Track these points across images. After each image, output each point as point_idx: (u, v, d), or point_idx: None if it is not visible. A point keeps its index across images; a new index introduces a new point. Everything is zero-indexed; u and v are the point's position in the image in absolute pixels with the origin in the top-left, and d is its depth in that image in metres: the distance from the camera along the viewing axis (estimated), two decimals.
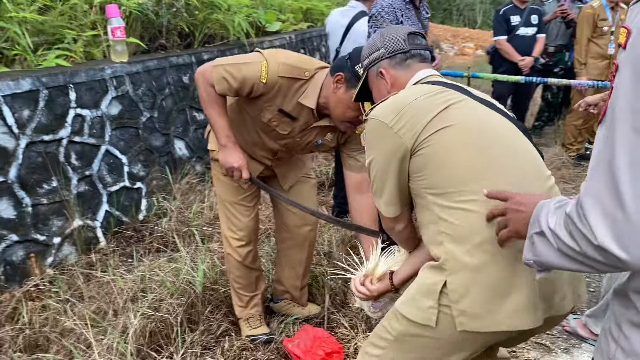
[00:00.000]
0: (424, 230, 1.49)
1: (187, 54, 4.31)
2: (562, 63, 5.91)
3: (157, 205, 3.71)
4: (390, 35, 1.65)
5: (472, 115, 1.47)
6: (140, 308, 2.50)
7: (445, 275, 1.37)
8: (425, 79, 1.59)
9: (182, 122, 4.20)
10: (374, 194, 1.58)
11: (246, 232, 2.46)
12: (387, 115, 1.46)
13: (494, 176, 1.38)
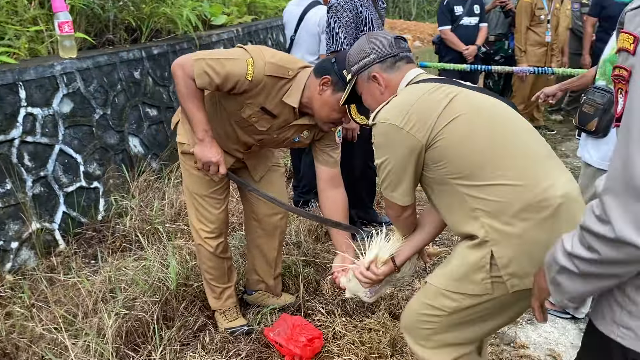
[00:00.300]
0: (448, 212, 1.63)
1: (137, 49, 4.20)
2: (502, 51, 6.15)
3: (115, 204, 3.61)
4: (379, 40, 1.74)
5: (474, 102, 1.58)
6: (114, 308, 2.44)
7: (489, 247, 1.50)
8: (417, 78, 1.69)
9: (135, 119, 4.09)
10: (386, 189, 1.67)
11: (217, 225, 2.45)
12: (396, 118, 1.55)
13: (509, 150, 1.53)
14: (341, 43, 2.98)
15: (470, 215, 1.54)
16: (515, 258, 1.49)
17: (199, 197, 2.41)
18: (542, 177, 1.50)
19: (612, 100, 2.43)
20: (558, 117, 7.20)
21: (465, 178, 1.53)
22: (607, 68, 2.50)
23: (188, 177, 2.42)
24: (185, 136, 2.35)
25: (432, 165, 1.57)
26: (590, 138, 2.62)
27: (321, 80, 2.04)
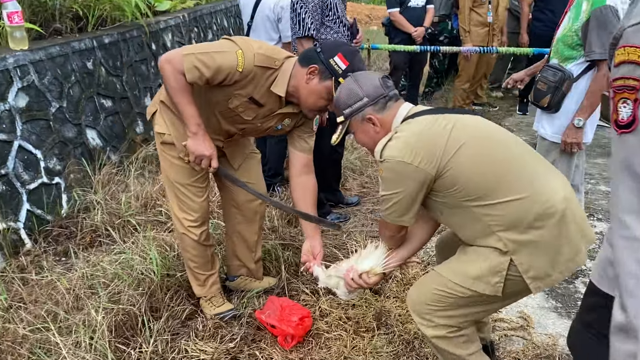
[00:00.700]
0: (461, 229, 1.80)
1: (88, 38, 4.07)
2: (446, 32, 6.36)
3: (80, 199, 3.53)
4: (369, 83, 1.84)
5: (470, 129, 1.73)
6: (99, 303, 2.42)
7: (509, 255, 1.68)
8: (410, 113, 1.82)
9: (92, 111, 3.99)
10: (391, 215, 1.80)
11: (200, 213, 2.47)
12: (404, 154, 1.67)
13: (512, 166, 1.70)
14: (308, 28, 3.02)
15: (486, 231, 1.71)
16: (534, 262, 1.67)
17: (181, 187, 2.41)
18: (543, 186, 1.69)
19: (564, 78, 2.62)
20: (499, 94, 7.54)
21: (478, 199, 1.68)
22: (560, 47, 2.68)
23: (169, 166, 2.40)
24: (165, 126, 2.34)
25: (443, 191, 1.72)
26: (544, 113, 2.81)
27: (308, 69, 2.10)
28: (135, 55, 4.73)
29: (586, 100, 2.57)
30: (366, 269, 2.04)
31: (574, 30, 2.57)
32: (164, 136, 2.35)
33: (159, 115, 2.37)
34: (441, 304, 1.82)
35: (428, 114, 1.78)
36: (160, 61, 2.05)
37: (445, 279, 1.81)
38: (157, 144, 2.42)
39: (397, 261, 2.03)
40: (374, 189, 4.22)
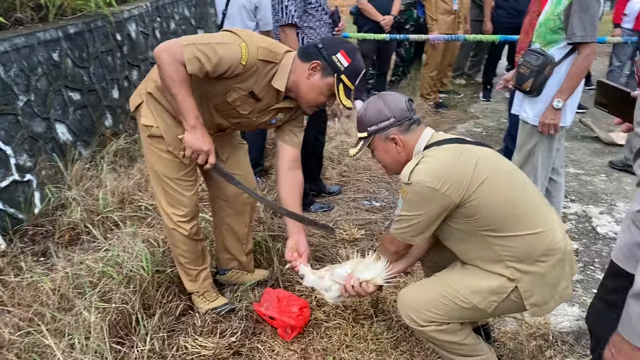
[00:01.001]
0: (468, 253, 1.90)
1: (53, 29, 3.89)
2: (412, 20, 6.41)
3: (54, 196, 3.39)
4: (397, 105, 1.90)
5: (492, 164, 1.82)
6: (92, 302, 2.34)
7: (515, 282, 1.81)
8: (433, 139, 1.89)
9: (60, 104, 3.82)
10: (405, 234, 1.87)
11: (190, 208, 2.40)
12: (433, 180, 1.73)
13: (526, 202, 1.82)
14: (292, 16, 2.98)
15: (496, 259, 1.82)
16: (537, 291, 1.81)
17: (170, 181, 2.32)
18: (549, 222, 1.82)
19: (546, 62, 2.68)
20: (462, 81, 7.68)
21: (495, 230, 1.78)
22: (543, 31, 2.73)
23: (157, 160, 2.31)
24: (153, 119, 2.24)
25: (462, 219, 1.80)
26: (526, 97, 2.87)
27: (311, 64, 2.09)
28: (101, 46, 4.55)
29: (566, 82, 2.64)
30: (367, 278, 2.09)
31: (556, 14, 2.63)
32: (151, 129, 2.25)
33: (146, 107, 2.25)
34: (440, 310, 1.91)
35: (450, 142, 1.85)
36: (157, 50, 1.95)
37: (450, 288, 1.90)
38: (143, 137, 2.32)
39: (394, 274, 2.11)
40: (353, 178, 4.23)
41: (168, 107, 2.18)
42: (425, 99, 6.25)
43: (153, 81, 2.19)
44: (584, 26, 2.51)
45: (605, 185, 4.17)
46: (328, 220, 3.46)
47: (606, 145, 5.11)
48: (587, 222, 3.56)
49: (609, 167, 4.54)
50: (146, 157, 2.38)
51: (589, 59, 2.58)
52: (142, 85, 2.29)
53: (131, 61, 5.15)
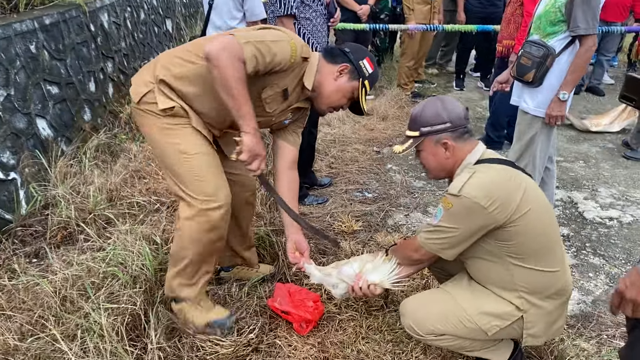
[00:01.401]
0: (484, 273, 1.92)
1: (30, 19, 3.71)
2: (387, 10, 6.43)
3: (41, 195, 3.25)
4: (455, 111, 1.87)
5: (536, 195, 1.84)
6: (100, 304, 2.26)
7: (522, 312, 1.86)
8: (484, 156, 1.89)
9: (40, 98, 3.66)
10: (437, 245, 1.87)
11: (223, 190, 2.12)
12: (483, 198, 1.72)
13: (555, 241, 1.87)
14: (290, 7, 2.94)
15: (511, 287, 1.86)
16: (538, 324, 1.88)
17: (203, 155, 2.09)
18: (565, 263, 1.90)
19: (548, 54, 2.73)
20: (434, 71, 7.77)
21: (522, 260, 1.81)
22: (543, 23, 2.78)
23: (183, 138, 2.07)
24: (170, 100, 2.04)
25: (496, 241, 1.81)
26: (526, 88, 2.92)
27: (340, 67, 2.11)
28: (76, 37, 4.38)
29: (570, 74, 2.70)
30: (376, 281, 2.10)
31: (557, 6, 2.68)
32: (173, 109, 2.05)
33: (158, 92, 2.06)
34: (442, 325, 1.94)
35: (502, 163, 1.85)
36: (213, 50, 1.83)
37: (459, 306, 1.93)
38: (158, 125, 2.07)
39: (403, 278, 2.11)
40: (342, 169, 4.22)
41: (188, 95, 2.07)
42: (402, 88, 6.30)
43: (166, 69, 2.06)
44: (587, 19, 2.57)
45: (584, 172, 4.30)
46: (324, 212, 3.45)
47: (580, 132, 5.27)
48: (573, 207, 3.67)
49: (586, 154, 4.69)
50: (162, 143, 2.09)
51: (591, 50, 2.64)
52: (146, 73, 2.12)
53: (105, 52, 4.98)
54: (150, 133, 2.13)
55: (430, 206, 3.66)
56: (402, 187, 3.94)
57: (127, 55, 5.68)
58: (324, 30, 3.20)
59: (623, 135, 5.11)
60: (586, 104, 6.13)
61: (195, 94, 2.07)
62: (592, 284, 2.81)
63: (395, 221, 3.42)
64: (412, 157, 4.60)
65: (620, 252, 3.09)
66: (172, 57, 2.09)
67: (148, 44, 6.66)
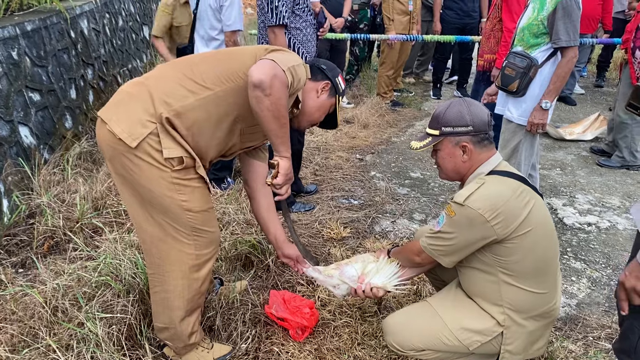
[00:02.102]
0: (474, 284, 1.94)
1: (11, 25, 3.66)
2: (365, 19, 6.52)
3: (25, 204, 3.19)
4: (479, 115, 1.87)
5: (541, 215, 1.84)
6: (94, 314, 2.24)
7: (502, 329, 1.88)
8: (499, 167, 1.89)
9: (22, 106, 3.60)
10: (438, 251, 1.90)
11: (218, 242, 2.11)
12: (487, 210, 1.74)
13: (551, 264, 1.89)
14: (282, 17, 2.96)
15: (496, 302, 1.88)
16: (517, 342, 1.90)
17: (203, 213, 1.96)
18: (557, 287, 1.94)
19: (531, 65, 2.83)
20: (411, 80, 7.89)
21: (513, 277, 1.83)
22: (525, 35, 2.87)
23: (190, 195, 1.90)
24: (179, 147, 1.85)
25: (492, 254, 1.83)
26: (510, 97, 3.01)
27: (322, 84, 2.15)
28: (57, 43, 4.33)
29: (552, 84, 2.79)
30: (378, 284, 2.13)
31: (539, 19, 2.77)
32: (185, 160, 1.86)
33: (164, 135, 1.82)
34: (423, 343, 1.97)
35: (514, 177, 1.84)
36: (264, 77, 1.74)
37: (441, 321, 1.95)
38: (165, 179, 1.84)
39: (405, 281, 2.15)
40: (327, 177, 4.26)
41: (188, 136, 1.88)
42: (382, 97, 6.38)
43: (166, 104, 1.83)
44: (568, 31, 2.67)
45: (562, 179, 4.43)
46: (312, 219, 3.48)
47: (555, 140, 5.42)
48: (553, 214, 3.78)
49: (562, 162, 4.83)
50: (164, 197, 1.86)
51: (572, 61, 2.74)
52: (139, 108, 1.83)
53: (85, 59, 4.93)
54: (147, 185, 1.85)
55: (415, 212, 3.72)
56: (386, 194, 3.99)
57: (106, 62, 5.62)
58: (313, 40, 3.24)
59: (596, 143, 5.28)
60: (560, 113, 6.31)
61: (198, 126, 1.89)
62: (575, 287, 2.90)
63: (382, 228, 3.46)
64: (395, 164, 4.67)
65: (600, 257, 3.20)
66: (169, 86, 1.87)
67: (126, 50, 6.60)
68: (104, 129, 1.84)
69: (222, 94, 1.89)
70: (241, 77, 1.89)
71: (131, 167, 1.83)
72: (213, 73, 1.90)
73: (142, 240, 2.00)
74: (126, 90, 1.91)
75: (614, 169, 4.62)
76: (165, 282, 1.99)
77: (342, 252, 3.03)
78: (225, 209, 3.28)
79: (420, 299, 2.61)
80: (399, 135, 5.51)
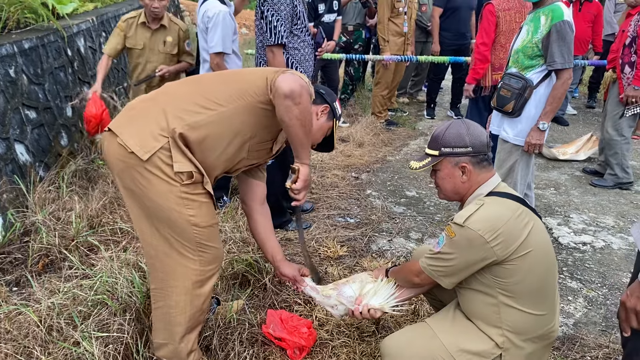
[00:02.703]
0: (473, 305, 1.91)
1: (9, 43, 3.67)
2: (360, 40, 6.59)
3: (20, 221, 3.17)
4: (478, 137, 1.88)
5: (541, 237, 1.84)
6: (90, 333, 2.21)
7: (501, 351, 1.84)
8: (498, 188, 1.90)
9: (18, 123, 3.60)
10: (436, 271, 1.88)
11: (221, 258, 2.12)
12: (487, 232, 1.73)
13: (549, 286, 1.87)
14: (281, 36, 2.99)
15: (496, 324, 1.85)
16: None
17: (208, 229, 1.97)
18: (555, 308, 1.93)
19: (526, 86, 2.87)
20: (405, 100, 7.95)
21: (513, 299, 1.82)
22: (520, 57, 2.92)
23: (198, 210, 1.91)
24: (188, 161, 1.87)
25: (492, 275, 1.81)
26: (506, 118, 3.04)
27: (322, 107, 2.21)
28: (54, 61, 4.34)
29: (548, 105, 2.83)
30: (376, 306, 2.11)
31: (534, 42, 2.83)
32: (193, 175, 1.88)
33: (176, 150, 1.85)
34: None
35: (513, 199, 1.85)
36: (294, 87, 1.85)
37: (439, 343, 1.90)
38: (174, 193, 1.86)
39: (403, 302, 2.14)
40: (323, 195, 4.27)
41: (198, 152, 1.92)
42: (377, 116, 6.43)
43: (179, 119, 1.86)
44: (562, 54, 2.72)
45: (556, 198, 4.46)
46: (309, 238, 3.47)
47: (549, 160, 5.47)
48: (548, 233, 3.79)
49: (556, 182, 4.87)
50: (171, 211, 1.87)
51: (567, 83, 2.78)
52: (152, 123, 1.87)
53: (82, 77, 4.94)
54: (156, 198, 1.87)
55: (412, 231, 3.72)
56: (382, 213, 4.00)
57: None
58: (311, 60, 3.27)
59: (589, 163, 5.33)
60: (552, 133, 6.37)
61: (209, 142, 1.92)
62: (571, 307, 2.91)
63: (379, 246, 3.46)
64: (390, 183, 4.69)
65: (595, 276, 3.21)
66: (181, 102, 1.92)
67: (122, 69, 6.62)
68: (114, 142, 1.86)
69: (233, 111, 1.94)
70: (252, 96, 1.96)
71: (140, 181, 1.85)
72: (224, 91, 1.96)
73: (147, 255, 2.01)
74: (137, 105, 1.97)
75: (607, 188, 4.66)
76: (168, 297, 1.99)
77: (339, 271, 3.03)
78: (222, 227, 3.27)
79: (418, 318, 2.61)
80: (394, 154, 5.54)
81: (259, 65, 3.27)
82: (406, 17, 5.99)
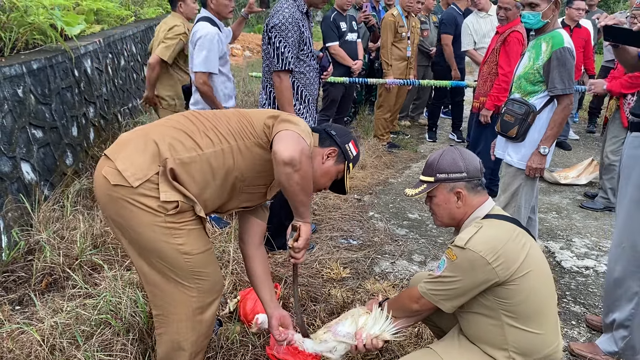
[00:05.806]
0: (476, 329, 1.90)
1: (18, 64, 3.72)
2: (364, 64, 6.67)
3: (24, 240, 3.18)
4: (472, 163, 1.92)
5: (540, 258, 1.88)
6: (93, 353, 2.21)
7: None
8: (493, 211, 1.92)
9: (24, 142, 3.63)
10: (438, 296, 1.88)
11: (221, 282, 2.08)
12: (488, 253, 1.75)
13: (550, 305, 1.88)
14: (288, 62, 3.03)
15: (502, 347, 1.85)
16: None
17: (204, 254, 1.95)
18: (557, 328, 1.93)
19: (529, 111, 2.90)
20: (407, 123, 8.01)
21: (516, 320, 1.82)
22: (522, 83, 2.97)
23: (187, 237, 1.88)
24: (176, 192, 1.84)
25: (494, 297, 1.82)
26: (510, 142, 3.07)
27: (328, 150, 2.09)
28: (62, 82, 4.40)
29: (550, 130, 2.87)
30: (377, 333, 2.08)
31: (535, 68, 2.87)
32: (180, 205, 1.84)
33: (163, 181, 1.83)
34: None
35: (508, 220, 1.88)
36: (294, 155, 1.80)
37: None
38: (158, 224, 1.83)
39: (402, 328, 2.11)
40: (326, 216, 4.28)
41: (192, 186, 1.89)
42: (379, 139, 6.47)
43: (173, 150, 1.86)
44: (563, 80, 2.76)
45: (558, 222, 4.47)
46: (312, 259, 3.47)
47: (550, 184, 5.49)
48: (551, 257, 3.80)
49: (557, 205, 4.88)
50: (159, 242, 1.85)
51: (568, 108, 2.82)
52: (144, 153, 1.85)
53: (88, 98, 5.00)
54: (141, 230, 1.84)
55: (414, 254, 3.73)
56: (385, 235, 4.01)
57: (107, 101, 5.70)
58: (316, 84, 3.32)
59: (590, 187, 5.35)
60: (554, 158, 6.40)
61: (202, 179, 1.90)
62: (575, 331, 2.90)
63: (382, 269, 3.47)
64: (392, 205, 4.70)
65: (598, 301, 3.20)
66: (176, 136, 1.89)
67: (127, 89, 6.71)
68: (100, 177, 1.83)
69: (227, 150, 1.92)
70: (248, 138, 1.96)
71: (123, 214, 1.82)
72: (222, 129, 1.95)
73: (144, 283, 1.97)
74: (130, 137, 1.92)
75: (596, 210, 4.69)
76: (170, 324, 1.97)
77: (342, 293, 3.02)
78: (225, 247, 3.27)
79: (421, 341, 2.60)
80: (396, 177, 5.57)
81: (265, 88, 3.31)
82: (409, 41, 6.08)
